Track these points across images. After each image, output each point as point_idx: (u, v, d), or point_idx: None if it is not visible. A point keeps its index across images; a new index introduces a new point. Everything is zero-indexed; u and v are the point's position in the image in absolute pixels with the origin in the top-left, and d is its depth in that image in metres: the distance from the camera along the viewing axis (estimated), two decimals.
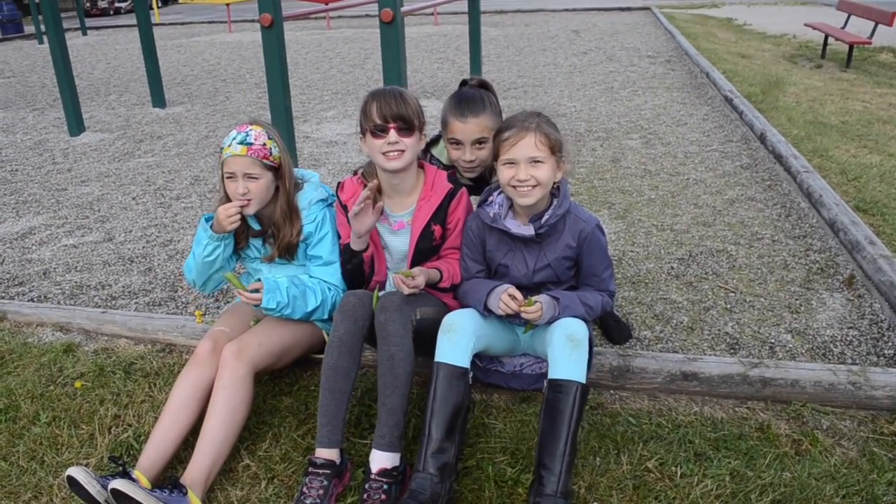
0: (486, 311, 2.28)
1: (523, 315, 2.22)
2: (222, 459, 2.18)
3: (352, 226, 2.36)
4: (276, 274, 2.55)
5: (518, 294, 2.25)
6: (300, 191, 2.50)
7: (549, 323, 2.27)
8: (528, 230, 2.32)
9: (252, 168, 2.33)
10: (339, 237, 2.53)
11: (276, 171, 2.41)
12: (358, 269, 2.46)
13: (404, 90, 2.34)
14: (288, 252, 2.50)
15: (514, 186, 2.24)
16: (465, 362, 2.16)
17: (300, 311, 2.40)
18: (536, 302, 2.21)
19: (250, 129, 2.36)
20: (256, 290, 2.32)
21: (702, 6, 18.17)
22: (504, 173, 2.26)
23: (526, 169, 2.21)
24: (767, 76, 8.16)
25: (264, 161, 2.34)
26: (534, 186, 2.22)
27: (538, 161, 2.21)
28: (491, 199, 2.40)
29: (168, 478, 2.12)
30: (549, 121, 2.28)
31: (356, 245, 2.41)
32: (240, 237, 2.52)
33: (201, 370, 2.29)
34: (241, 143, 2.33)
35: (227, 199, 2.39)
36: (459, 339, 2.19)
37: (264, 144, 2.34)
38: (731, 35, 12.45)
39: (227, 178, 2.37)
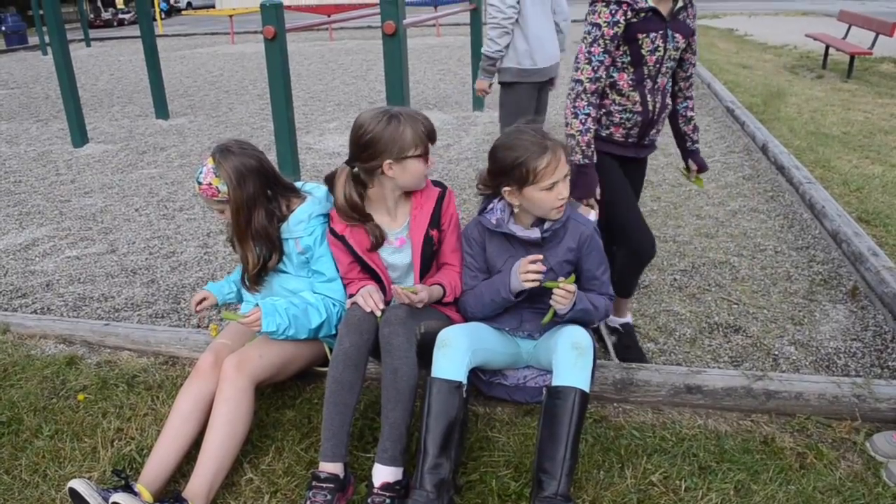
0: (516, 296, 2.27)
1: (558, 292, 2.21)
2: (224, 473, 2.17)
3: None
4: (282, 285, 2.54)
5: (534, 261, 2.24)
6: (302, 203, 2.50)
7: (561, 318, 2.28)
8: (534, 233, 2.33)
9: (210, 203, 2.39)
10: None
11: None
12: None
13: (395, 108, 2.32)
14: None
15: (556, 207, 2.26)
16: (459, 376, 2.15)
17: (304, 330, 2.38)
18: (574, 283, 2.25)
19: (203, 166, 2.35)
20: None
21: (703, 17, 18.22)
22: (545, 198, 2.23)
23: (566, 185, 2.24)
24: (769, 87, 8.18)
25: (214, 199, 2.35)
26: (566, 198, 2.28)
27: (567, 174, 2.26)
28: (491, 206, 2.41)
29: (170, 491, 2.12)
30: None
31: None
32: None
33: (203, 383, 2.29)
34: (196, 180, 2.37)
35: None
36: (454, 353, 2.18)
37: (210, 184, 2.32)
38: (732, 46, 12.49)
39: None
